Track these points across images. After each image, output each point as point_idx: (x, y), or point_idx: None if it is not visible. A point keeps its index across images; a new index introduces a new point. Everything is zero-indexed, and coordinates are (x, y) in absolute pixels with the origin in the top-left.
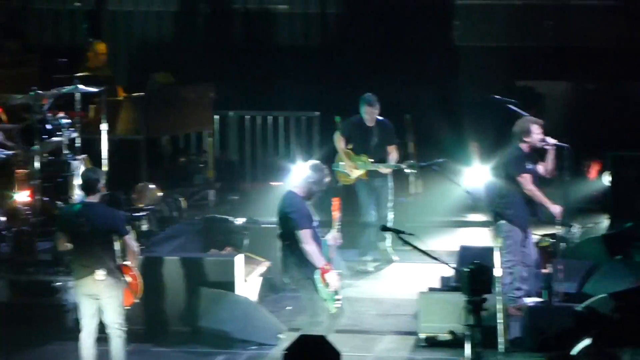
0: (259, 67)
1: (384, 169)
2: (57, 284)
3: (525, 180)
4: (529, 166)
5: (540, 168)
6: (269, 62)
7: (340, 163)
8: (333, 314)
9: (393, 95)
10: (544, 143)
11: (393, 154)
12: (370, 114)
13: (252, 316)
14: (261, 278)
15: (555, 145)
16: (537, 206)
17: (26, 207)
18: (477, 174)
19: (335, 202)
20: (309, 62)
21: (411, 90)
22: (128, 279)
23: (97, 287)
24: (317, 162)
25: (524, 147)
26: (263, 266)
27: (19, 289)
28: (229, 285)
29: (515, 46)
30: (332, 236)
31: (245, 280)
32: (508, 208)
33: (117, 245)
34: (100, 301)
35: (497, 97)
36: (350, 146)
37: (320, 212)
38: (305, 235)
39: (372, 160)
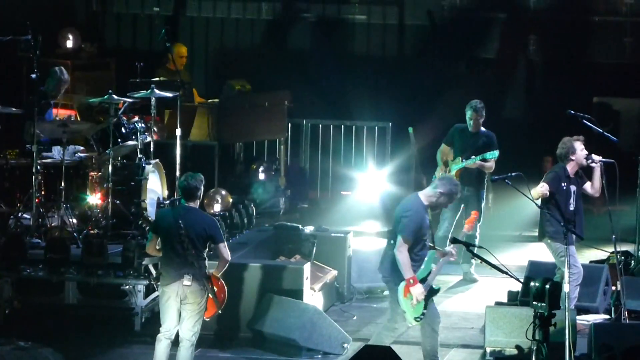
0: (334, 76)
1: (470, 164)
2: (127, 287)
3: (537, 191)
4: (572, 187)
5: (588, 187)
6: (344, 71)
7: (437, 173)
8: (410, 326)
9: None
10: (589, 160)
11: (490, 163)
12: (476, 120)
13: (319, 325)
14: (328, 287)
15: (601, 162)
16: (579, 224)
17: (98, 210)
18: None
19: (473, 215)
20: (384, 73)
21: (486, 103)
22: (215, 288)
23: (182, 293)
24: (453, 177)
25: (570, 166)
26: (330, 275)
27: (89, 291)
28: (297, 293)
29: (593, 62)
30: (447, 250)
31: (313, 289)
32: (549, 225)
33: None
34: (182, 307)
35: (573, 112)
36: (450, 156)
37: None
38: (402, 243)
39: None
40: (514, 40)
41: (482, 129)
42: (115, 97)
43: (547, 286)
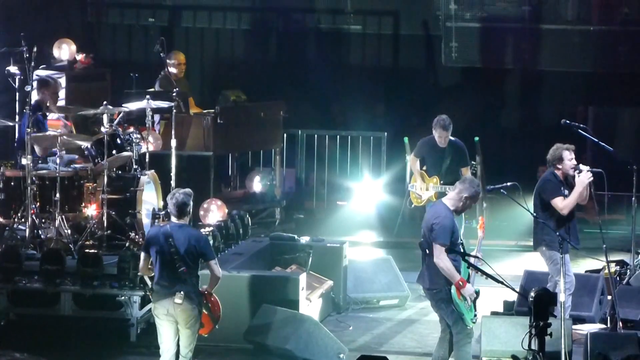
0: (330, 86)
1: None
2: (122, 298)
3: (557, 203)
4: (566, 192)
5: None
6: (340, 81)
7: (415, 184)
8: (469, 328)
9: (462, 117)
10: (577, 170)
11: (467, 175)
12: (444, 137)
13: (315, 335)
14: (324, 297)
15: (589, 172)
16: (574, 233)
17: (93, 221)
18: None
19: (482, 221)
20: (380, 83)
21: (481, 113)
22: (209, 304)
23: (174, 310)
24: (473, 177)
25: (558, 173)
26: (326, 285)
27: (84, 303)
28: (293, 304)
29: (589, 72)
30: (473, 254)
31: (309, 300)
32: (545, 234)
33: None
34: (178, 325)
35: (569, 122)
36: (424, 167)
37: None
38: (439, 250)
39: (443, 182)
40: (509, 50)
41: (451, 138)
42: (110, 107)
43: (533, 296)
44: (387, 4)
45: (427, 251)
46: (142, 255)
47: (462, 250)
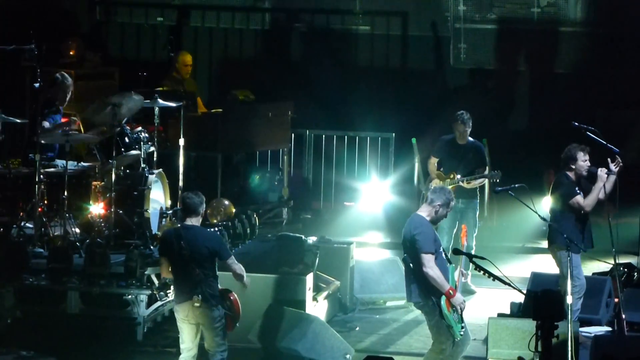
0: (338, 87)
1: (466, 184)
2: (129, 296)
3: (578, 201)
4: (581, 193)
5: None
6: (348, 82)
7: (431, 185)
8: (457, 340)
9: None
10: (590, 170)
11: (437, 185)
12: (464, 132)
13: (322, 336)
14: (331, 297)
15: (608, 174)
16: (587, 236)
17: (101, 220)
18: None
19: (464, 229)
20: (388, 84)
21: (489, 115)
22: (227, 304)
23: (194, 313)
24: (443, 186)
25: (571, 174)
26: (333, 286)
27: (91, 301)
28: (300, 304)
29: (598, 74)
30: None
31: (316, 300)
32: (555, 236)
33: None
34: (201, 326)
35: (578, 124)
36: (441, 168)
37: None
38: (428, 259)
39: (460, 176)
40: (518, 52)
41: (470, 139)
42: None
43: (537, 297)
44: (396, 4)
45: (412, 265)
46: (161, 259)
47: (443, 256)
